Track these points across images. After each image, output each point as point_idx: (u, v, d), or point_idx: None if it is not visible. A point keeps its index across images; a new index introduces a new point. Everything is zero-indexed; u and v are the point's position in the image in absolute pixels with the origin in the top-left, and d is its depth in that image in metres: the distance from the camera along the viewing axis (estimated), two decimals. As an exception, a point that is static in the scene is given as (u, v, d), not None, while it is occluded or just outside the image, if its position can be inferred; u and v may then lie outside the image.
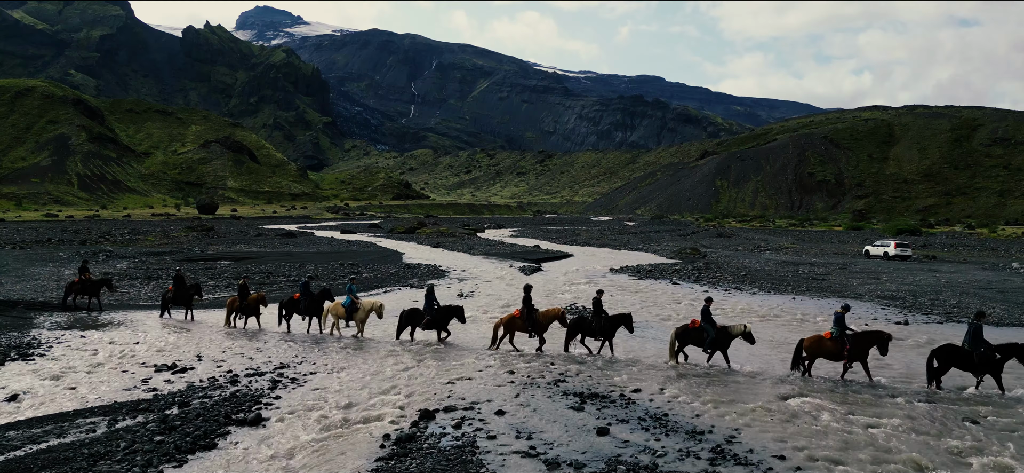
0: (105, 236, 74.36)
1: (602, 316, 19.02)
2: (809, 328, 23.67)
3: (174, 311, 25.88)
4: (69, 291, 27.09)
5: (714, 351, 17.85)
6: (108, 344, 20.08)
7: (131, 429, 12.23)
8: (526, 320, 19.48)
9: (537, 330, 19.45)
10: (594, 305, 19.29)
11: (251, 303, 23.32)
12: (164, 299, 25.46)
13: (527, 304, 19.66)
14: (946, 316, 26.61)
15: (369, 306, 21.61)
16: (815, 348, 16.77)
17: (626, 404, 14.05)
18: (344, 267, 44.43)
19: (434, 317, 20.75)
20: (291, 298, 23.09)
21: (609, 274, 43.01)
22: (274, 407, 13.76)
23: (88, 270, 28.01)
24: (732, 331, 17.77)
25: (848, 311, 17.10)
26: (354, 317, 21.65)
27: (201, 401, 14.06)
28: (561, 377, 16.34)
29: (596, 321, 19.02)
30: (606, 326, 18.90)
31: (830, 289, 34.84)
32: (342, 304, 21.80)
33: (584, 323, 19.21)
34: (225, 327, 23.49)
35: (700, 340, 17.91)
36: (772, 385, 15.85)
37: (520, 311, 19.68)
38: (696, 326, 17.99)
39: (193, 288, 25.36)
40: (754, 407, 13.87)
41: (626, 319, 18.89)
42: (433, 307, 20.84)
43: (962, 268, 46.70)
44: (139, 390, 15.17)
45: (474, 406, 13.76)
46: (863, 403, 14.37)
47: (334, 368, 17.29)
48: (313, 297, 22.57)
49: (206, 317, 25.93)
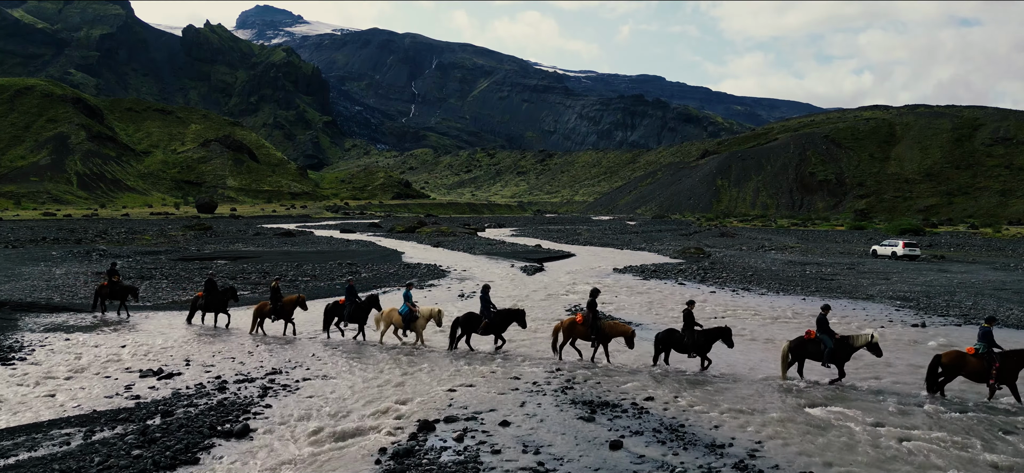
0: (101, 235, 73.48)
1: (695, 329, 17.15)
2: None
3: (201, 317, 23.92)
4: (98, 295, 25.29)
5: (834, 365, 15.92)
6: (93, 347, 19.19)
7: (108, 441, 11.35)
8: (590, 327, 17.88)
9: (601, 339, 17.84)
10: (685, 317, 17.29)
11: (286, 306, 21.67)
12: (194, 304, 23.71)
13: (592, 309, 17.98)
14: (963, 318, 25.72)
15: (428, 313, 19.94)
16: (957, 366, 14.87)
17: (639, 414, 13.17)
18: (342, 266, 43.57)
19: (492, 321, 19.12)
20: (335, 303, 21.42)
21: (613, 274, 42.13)
22: (263, 417, 12.88)
23: (117, 273, 25.72)
24: (855, 342, 15.87)
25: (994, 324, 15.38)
26: (413, 326, 19.90)
27: (185, 410, 13.17)
28: (569, 383, 15.45)
29: (688, 336, 17.07)
30: (700, 341, 17.00)
31: (840, 290, 33.96)
32: (399, 312, 20.04)
33: (674, 337, 17.32)
34: (250, 333, 21.86)
35: (817, 353, 16.06)
36: (792, 393, 14.97)
37: (583, 316, 18.07)
38: (812, 337, 16.17)
39: (227, 292, 23.47)
40: (776, 417, 13.00)
41: (724, 333, 16.94)
42: (490, 310, 19.27)
43: (973, 268, 45.82)
44: (121, 397, 14.29)
45: (477, 416, 12.87)
46: (891, 413, 13.50)
47: (329, 373, 16.41)
48: (358, 304, 20.92)
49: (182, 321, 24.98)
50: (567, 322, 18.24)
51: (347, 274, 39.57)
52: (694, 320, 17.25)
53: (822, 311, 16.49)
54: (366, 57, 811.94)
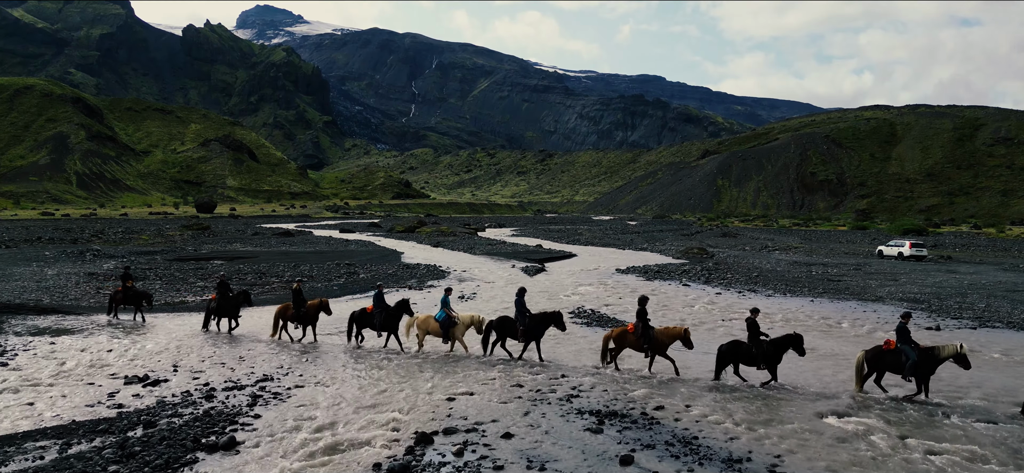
0: (98, 235, 72.74)
1: (762, 339, 15.83)
2: (837, 335, 22.04)
3: (216, 323, 22.57)
4: (113, 301, 24.06)
5: (918, 378, 14.60)
6: (79, 352, 18.45)
7: (84, 456, 10.63)
8: (641, 336, 16.69)
9: (655, 348, 16.62)
10: (749, 326, 15.88)
11: (310, 310, 20.45)
12: (208, 310, 22.37)
13: (642, 318, 16.75)
14: (978, 320, 25.00)
15: (468, 320, 18.79)
16: None
17: (649, 424, 12.44)
18: (341, 267, 42.85)
19: (528, 326, 17.96)
20: (363, 311, 19.89)
21: (616, 274, 41.40)
22: (251, 428, 12.15)
23: (132, 277, 24.63)
24: (941, 353, 14.45)
25: None
26: (452, 332, 18.76)
27: (169, 421, 12.44)
28: (574, 391, 14.73)
29: (756, 346, 15.68)
30: (769, 352, 15.59)
31: (848, 291, 33.23)
32: (435, 318, 18.89)
33: (740, 349, 15.88)
34: (271, 337, 20.70)
35: (898, 365, 14.67)
36: (809, 401, 14.24)
37: (634, 325, 16.86)
38: (891, 348, 14.81)
39: (241, 296, 22.37)
40: (795, 428, 12.28)
41: (795, 341, 15.61)
42: (526, 314, 18.07)
43: (981, 269, 45.09)
44: (103, 406, 13.57)
45: (478, 427, 12.14)
46: (916, 424, 12.78)
47: (322, 380, 15.66)
48: (389, 310, 19.45)
49: (184, 322, 24.26)
50: (618, 331, 17.20)
51: (344, 275, 38.87)
52: (759, 329, 15.91)
53: (902, 319, 15.08)
54: (366, 57, 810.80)
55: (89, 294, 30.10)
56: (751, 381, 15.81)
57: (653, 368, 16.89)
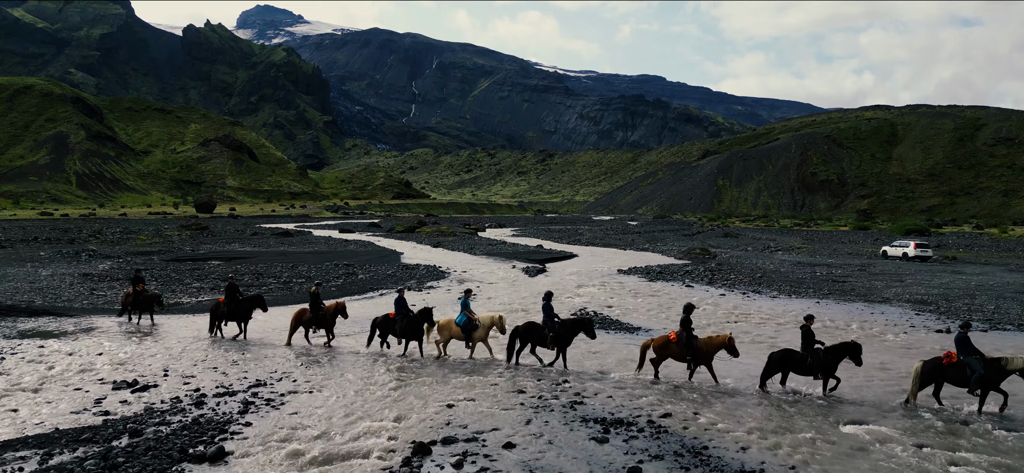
0: (95, 235, 72.26)
1: (818, 348, 14.86)
2: (847, 339, 21.49)
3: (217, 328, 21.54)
4: (124, 305, 23.36)
5: (982, 392, 13.61)
6: (67, 355, 17.93)
7: (65, 467, 10.12)
8: (684, 346, 15.76)
9: (698, 359, 15.71)
10: (804, 334, 15.00)
11: (328, 314, 19.89)
12: (214, 313, 21.30)
13: (686, 327, 15.83)
14: (988, 323, 24.52)
15: (489, 321, 18.10)
16: None
17: (657, 433, 11.93)
18: (339, 267, 42.34)
19: (558, 332, 17.14)
20: (386, 316, 19.04)
21: (618, 275, 40.89)
22: (242, 436, 11.63)
23: (143, 281, 23.89)
24: (1009, 365, 13.40)
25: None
26: (474, 336, 18.12)
27: (157, 429, 11.92)
28: (578, 398, 14.21)
29: (811, 355, 14.78)
30: (826, 361, 14.69)
31: (854, 292, 32.73)
32: (456, 322, 18.25)
33: (792, 358, 14.97)
34: (287, 345, 19.89)
35: (960, 378, 13.74)
36: (824, 408, 13.72)
37: (677, 334, 15.91)
38: (953, 360, 13.83)
39: (253, 300, 21.36)
40: (809, 437, 11.76)
41: (853, 349, 14.72)
42: (555, 320, 17.29)
43: (987, 270, 44.56)
44: (89, 413, 13.05)
45: (478, 437, 11.62)
46: (935, 433, 12.27)
47: (317, 385, 15.14)
48: (411, 317, 18.59)
49: (178, 324, 23.74)
50: (659, 340, 16.32)
51: (343, 276, 38.36)
52: (815, 337, 15.01)
53: (962, 329, 14.11)
54: (367, 57, 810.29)
55: (83, 295, 29.62)
56: (799, 388, 15.29)
57: (694, 378, 15.99)
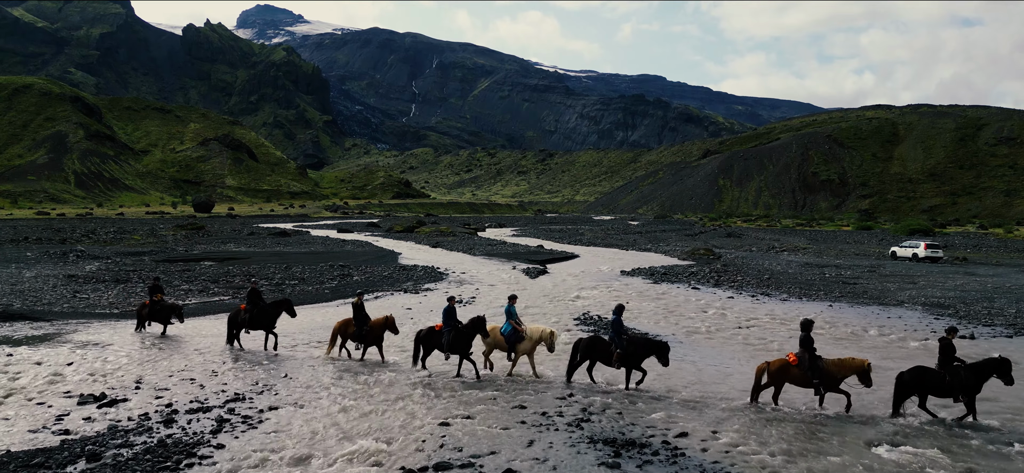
0: (89, 235, 71.09)
1: (958, 366, 13.02)
2: (868, 346, 20.32)
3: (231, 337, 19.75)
4: (139, 316, 21.65)
5: None
6: (35, 365, 16.72)
7: (7, 499, 8.96)
8: (808, 368, 13.65)
9: (827, 384, 13.58)
10: (942, 348, 13.17)
11: (375, 329, 17.69)
12: (233, 321, 19.40)
13: (807, 346, 13.77)
14: (1012, 328, 23.33)
15: (538, 335, 16.11)
16: None
17: (673, 457, 10.74)
18: (334, 268, 41.17)
19: (627, 352, 15.11)
20: (431, 329, 16.93)
21: (621, 277, 39.71)
22: (210, 461, 10.45)
23: (161, 290, 22.04)
24: None
25: None
26: (518, 348, 16.15)
27: (117, 453, 10.72)
28: (584, 414, 13.02)
29: (951, 374, 12.96)
30: (967, 380, 12.85)
31: (867, 295, 31.54)
32: (501, 331, 16.29)
33: (930, 378, 13.05)
34: (326, 356, 18.16)
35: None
36: (855, 426, 12.52)
37: (796, 356, 13.87)
38: None
39: (281, 305, 19.48)
40: (842, 462, 10.58)
41: (1001, 367, 12.95)
42: (623, 337, 15.18)
43: (1000, 271, 43.38)
44: (47, 432, 11.87)
45: (474, 462, 10.44)
46: (979, 454, 11.09)
47: (299, 400, 13.93)
48: (460, 329, 16.33)
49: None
50: (777, 364, 14.06)
51: (338, 277, 37.18)
52: (954, 353, 13.13)
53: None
54: (367, 56, 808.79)
55: (65, 298, 28.46)
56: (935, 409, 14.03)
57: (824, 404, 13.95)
